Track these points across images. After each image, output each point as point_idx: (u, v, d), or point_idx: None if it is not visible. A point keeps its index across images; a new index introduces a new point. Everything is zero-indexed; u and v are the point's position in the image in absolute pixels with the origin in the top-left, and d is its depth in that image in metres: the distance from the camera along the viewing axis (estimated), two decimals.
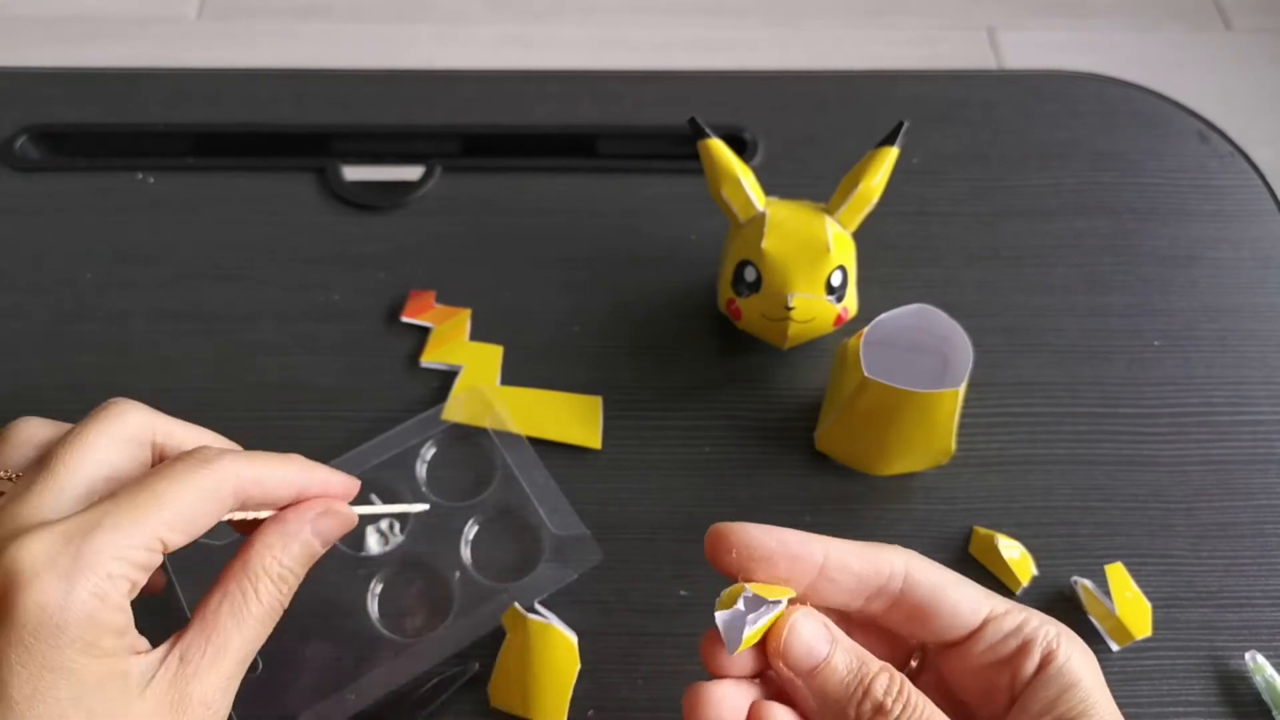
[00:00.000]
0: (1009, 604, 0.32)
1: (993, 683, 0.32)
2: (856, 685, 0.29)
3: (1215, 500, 0.46)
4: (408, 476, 0.45)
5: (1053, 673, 0.30)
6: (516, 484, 0.45)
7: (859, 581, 0.31)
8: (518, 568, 0.43)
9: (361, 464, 0.45)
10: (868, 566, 0.31)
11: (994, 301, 0.52)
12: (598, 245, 0.54)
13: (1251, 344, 0.51)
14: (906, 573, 0.32)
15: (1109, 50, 1.50)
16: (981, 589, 0.32)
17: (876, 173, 0.46)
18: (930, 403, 0.42)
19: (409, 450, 0.46)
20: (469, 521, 0.44)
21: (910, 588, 0.32)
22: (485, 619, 0.42)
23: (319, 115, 0.60)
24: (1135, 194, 0.57)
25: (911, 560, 0.32)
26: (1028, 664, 0.31)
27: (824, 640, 0.30)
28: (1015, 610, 0.32)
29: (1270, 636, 0.42)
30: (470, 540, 0.44)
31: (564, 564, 0.43)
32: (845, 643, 0.30)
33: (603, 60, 1.45)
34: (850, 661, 0.30)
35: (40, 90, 0.61)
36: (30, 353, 0.50)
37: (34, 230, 0.55)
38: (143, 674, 0.29)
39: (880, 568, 0.31)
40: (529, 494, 0.45)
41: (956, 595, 0.32)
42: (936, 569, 0.32)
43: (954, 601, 0.32)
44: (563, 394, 0.49)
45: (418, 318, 0.51)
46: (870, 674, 0.29)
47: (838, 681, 0.29)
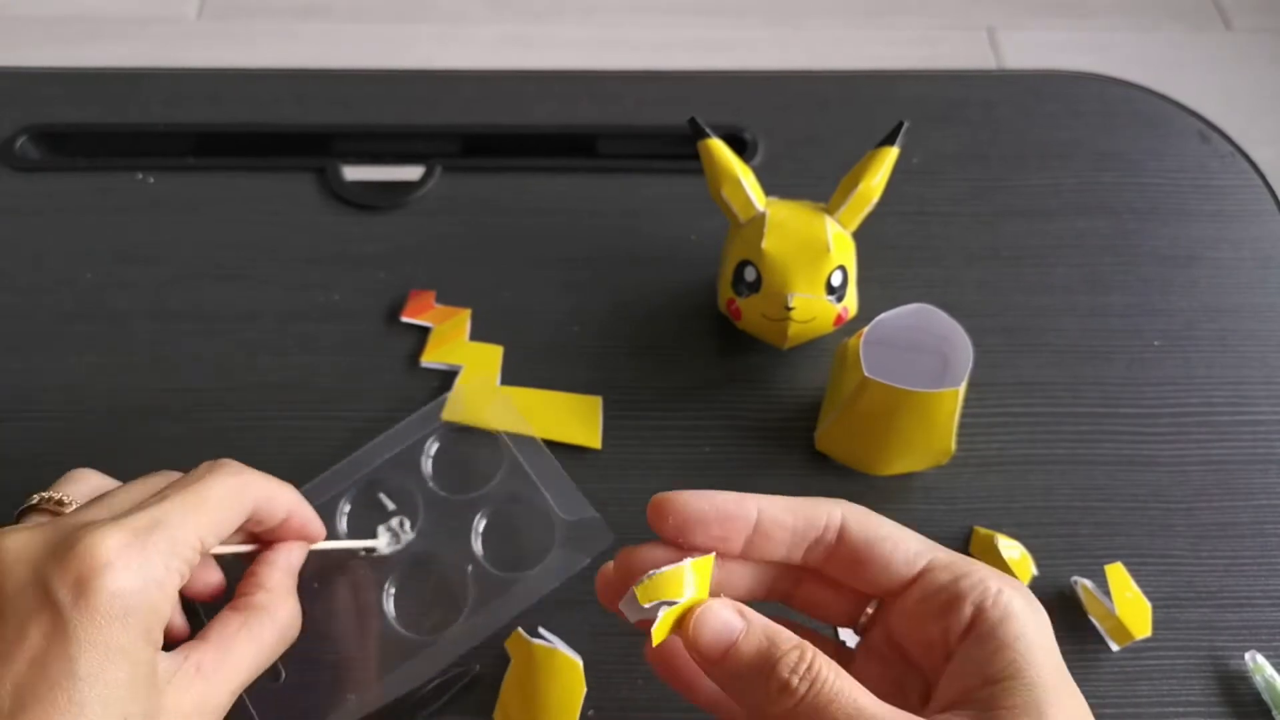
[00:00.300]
0: (954, 557, 0.32)
1: (929, 638, 0.31)
2: (764, 665, 0.29)
3: (1215, 500, 0.46)
4: (413, 472, 0.45)
5: (984, 630, 0.30)
6: (522, 472, 0.45)
7: (794, 535, 0.32)
8: (530, 556, 0.43)
9: (368, 462, 0.45)
10: (801, 520, 0.32)
11: (994, 301, 0.52)
12: (598, 245, 0.54)
13: (1251, 344, 0.51)
14: (842, 523, 0.32)
15: (1109, 50, 1.50)
16: (927, 542, 0.32)
17: (876, 173, 0.46)
18: (930, 403, 0.42)
19: (414, 445, 0.46)
20: (478, 514, 0.45)
21: (844, 537, 0.32)
22: (501, 610, 0.42)
23: (319, 115, 0.60)
24: (1135, 194, 0.57)
25: (848, 510, 0.33)
26: (958, 619, 0.30)
27: (733, 626, 0.30)
28: (958, 563, 0.31)
29: (1270, 636, 0.42)
30: (480, 532, 0.44)
31: (576, 549, 0.43)
32: (759, 625, 0.30)
33: (603, 60, 1.45)
34: (760, 643, 0.30)
35: (40, 90, 0.61)
36: (30, 353, 0.50)
37: (34, 230, 0.55)
38: (166, 670, 0.32)
39: (815, 520, 0.32)
40: (536, 482, 0.45)
41: (891, 545, 0.32)
42: (875, 519, 0.33)
43: (889, 550, 0.32)
44: (563, 394, 0.49)
45: (418, 318, 0.51)
46: (779, 654, 0.29)
47: (745, 665, 0.30)
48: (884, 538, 0.32)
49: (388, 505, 0.45)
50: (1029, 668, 0.29)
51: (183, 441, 0.47)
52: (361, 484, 0.45)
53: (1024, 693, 0.28)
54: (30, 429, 0.47)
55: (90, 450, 0.47)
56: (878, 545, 0.32)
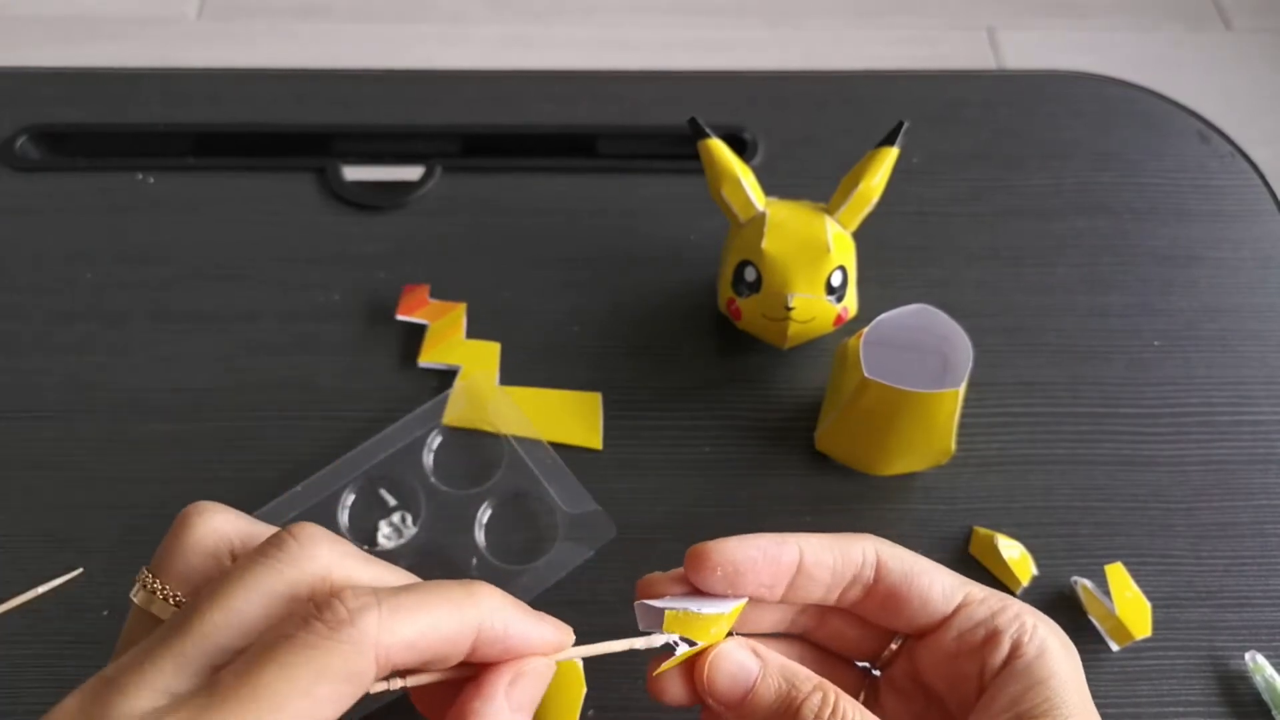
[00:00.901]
0: (988, 592, 0.31)
1: (962, 672, 0.31)
2: (785, 709, 0.28)
3: (1215, 500, 0.46)
4: (415, 467, 0.45)
5: (1020, 667, 0.29)
6: (524, 466, 0.45)
7: (834, 575, 0.31)
8: (534, 549, 0.44)
9: (369, 458, 0.45)
10: (840, 558, 0.31)
11: (994, 301, 0.52)
12: (598, 245, 0.54)
13: (1251, 344, 0.51)
14: (877, 560, 0.31)
15: (1109, 50, 1.50)
16: (958, 577, 0.32)
17: (876, 173, 0.46)
18: (930, 403, 0.42)
19: (415, 441, 0.46)
20: (481, 507, 0.45)
21: (882, 575, 0.31)
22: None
23: (319, 115, 0.60)
24: (1135, 194, 0.57)
25: (882, 547, 0.32)
26: (996, 655, 0.30)
27: (749, 669, 0.29)
28: (992, 598, 0.31)
29: (1270, 636, 0.42)
30: (484, 526, 0.44)
31: (580, 541, 0.43)
32: (775, 666, 0.30)
33: (603, 60, 1.45)
34: (779, 686, 0.29)
35: (40, 90, 0.61)
36: (30, 353, 0.50)
37: (34, 230, 0.55)
38: None
39: (852, 557, 0.31)
40: (538, 475, 0.45)
41: (928, 581, 0.31)
42: (908, 556, 0.32)
43: (925, 587, 0.31)
44: (561, 392, 0.49)
45: (413, 315, 0.50)
46: (801, 696, 0.29)
47: (765, 708, 0.29)
48: (920, 573, 0.31)
49: (389, 501, 0.45)
50: (1062, 706, 0.28)
51: (183, 441, 0.47)
52: (362, 480, 0.45)
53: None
54: (30, 429, 0.47)
55: (90, 450, 0.47)
56: (915, 581, 0.31)
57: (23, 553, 0.44)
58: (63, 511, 0.45)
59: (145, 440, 0.47)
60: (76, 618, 0.42)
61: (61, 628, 0.42)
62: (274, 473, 0.46)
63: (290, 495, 0.44)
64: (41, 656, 0.41)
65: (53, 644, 0.41)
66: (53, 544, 0.44)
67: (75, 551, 0.44)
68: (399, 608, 0.24)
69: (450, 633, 0.25)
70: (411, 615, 0.24)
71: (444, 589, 0.26)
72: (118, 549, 0.44)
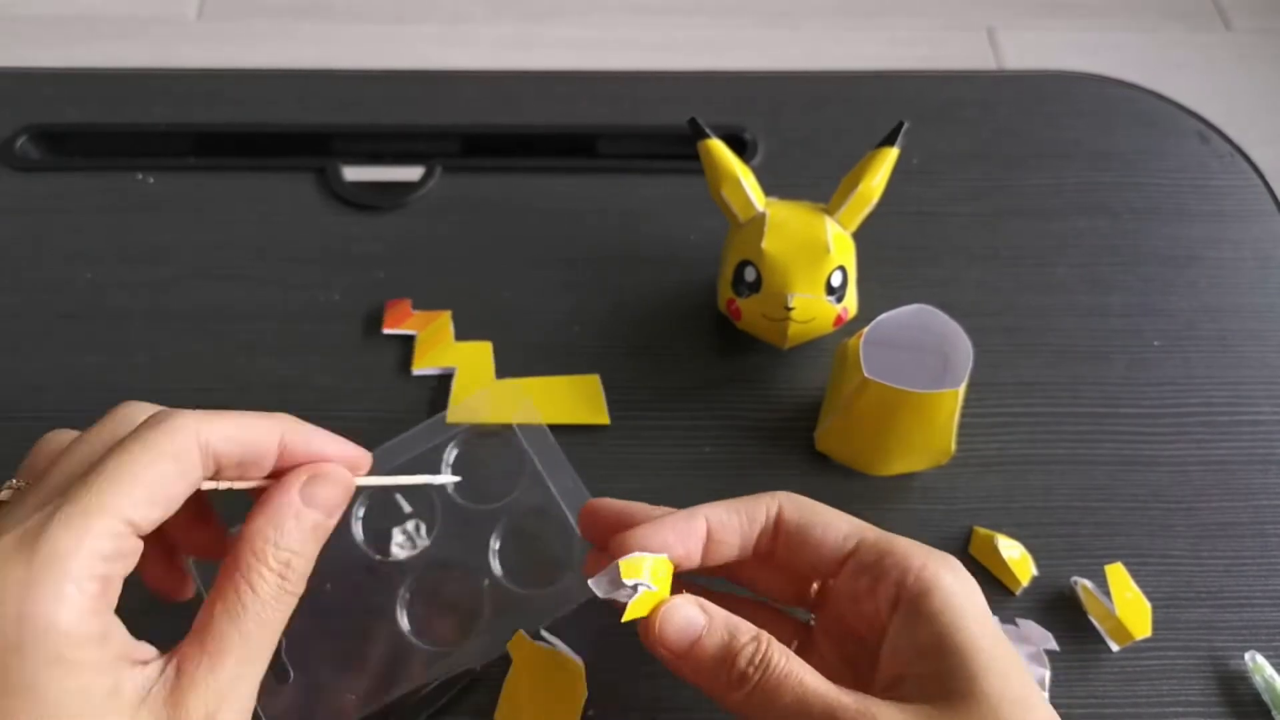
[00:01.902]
0: (879, 534, 0.34)
1: (867, 615, 0.33)
2: (726, 657, 0.31)
3: (1215, 500, 0.46)
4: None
5: (908, 606, 0.31)
6: (544, 487, 0.44)
7: (742, 536, 0.35)
8: (546, 574, 0.43)
9: (386, 464, 0.45)
10: (745, 519, 0.34)
11: (994, 301, 0.52)
12: (598, 245, 0.54)
13: (1251, 344, 0.51)
14: (779, 512, 0.35)
15: (1109, 50, 1.50)
16: (857, 522, 0.35)
17: (876, 173, 0.46)
18: (930, 403, 0.42)
19: (433, 450, 0.45)
20: (496, 526, 0.44)
21: (781, 525, 0.35)
22: (514, 626, 0.41)
23: (319, 115, 0.60)
24: (1135, 194, 0.57)
25: (785, 500, 0.35)
26: (885, 596, 0.32)
27: (696, 622, 0.32)
28: (883, 540, 0.33)
29: (1270, 636, 0.42)
30: (498, 545, 0.43)
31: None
32: (720, 620, 0.32)
33: (603, 60, 1.45)
34: (723, 636, 0.32)
35: (40, 90, 0.61)
36: (30, 353, 0.50)
37: (34, 230, 0.55)
38: (139, 688, 0.26)
39: (756, 516, 0.35)
40: (557, 498, 0.44)
41: (823, 529, 0.34)
42: (810, 506, 0.35)
43: (819, 535, 0.34)
44: (561, 378, 0.49)
45: (399, 327, 0.50)
46: (739, 646, 0.31)
47: (710, 657, 0.31)
48: (816, 523, 0.34)
49: (405, 508, 0.45)
50: (956, 634, 0.30)
51: None
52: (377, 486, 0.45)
53: (954, 661, 0.30)
54: (30, 429, 0.47)
55: None
56: (810, 531, 0.34)
57: None
58: None
59: None
60: None
61: None
62: None
63: None
64: None
65: None
66: None
67: None
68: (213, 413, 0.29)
69: (259, 434, 0.30)
70: (223, 417, 0.30)
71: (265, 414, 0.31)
72: None
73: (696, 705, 0.40)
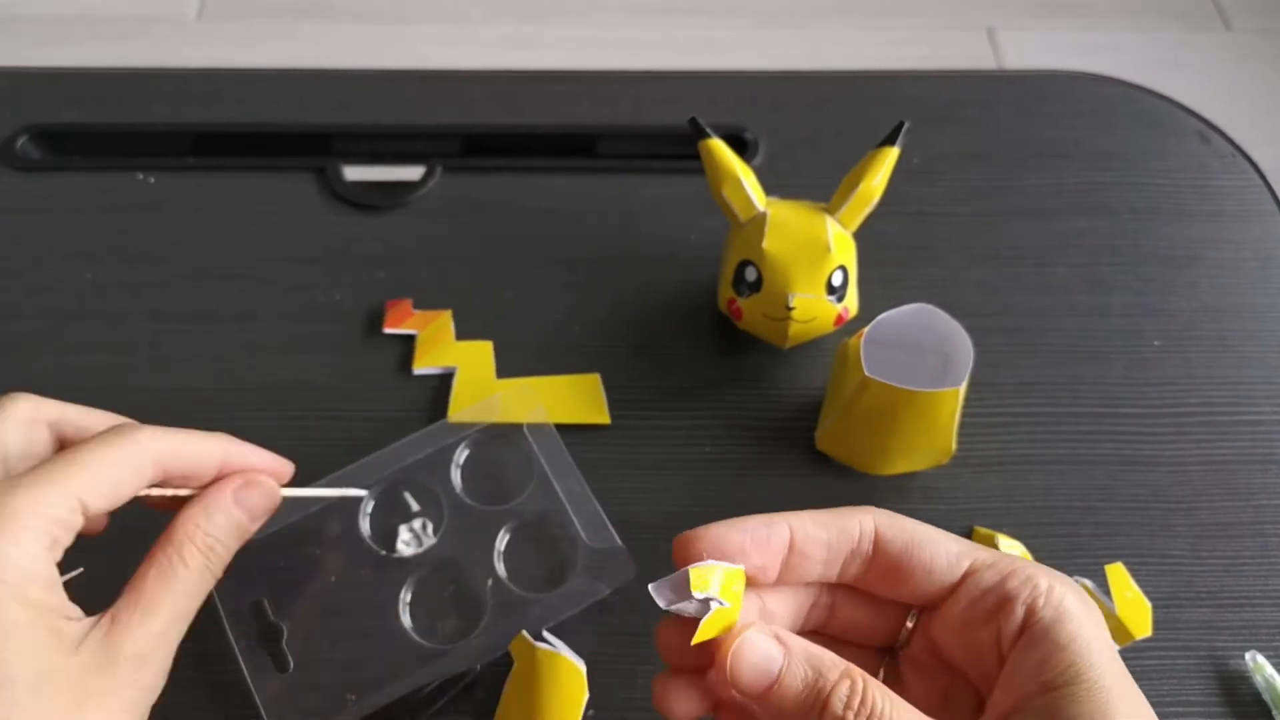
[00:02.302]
0: (996, 555, 0.30)
1: (978, 643, 0.29)
2: (813, 700, 0.27)
3: (1215, 500, 0.46)
4: (441, 477, 0.45)
5: (1038, 633, 0.28)
6: (551, 491, 0.44)
7: (829, 550, 0.30)
8: (550, 578, 0.43)
9: (395, 461, 0.45)
10: (834, 532, 0.30)
11: (994, 301, 0.53)
12: (598, 245, 0.54)
13: (1251, 344, 0.51)
14: (875, 532, 0.30)
15: (1109, 50, 1.50)
16: (964, 542, 0.30)
17: (877, 173, 0.46)
18: (930, 403, 0.42)
19: (443, 450, 0.46)
20: (502, 527, 0.44)
21: (881, 546, 0.30)
22: (516, 628, 0.41)
23: (319, 115, 0.60)
24: (1135, 194, 0.57)
25: (880, 517, 0.30)
26: (1010, 622, 0.28)
27: (774, 658, 0.28)
28: (1002, 561, 0.30)
29: (1270, 636, 0.42)
30: (503, 547, 0.44)
31: (597, 578, 0.42)
32: (799, 653, 0.28)
33: (603, 60, 1.45)
34: (805, 674, 0.28)
35: (40, 90, 0.61)
36: (30, 353, 0.50)
37: (34, 230, 0.55)
38: (76, 635, 0.31)
39: (848, 531, 0.30)
40: (564, 503, 0.44)
41: (930, 549, 0.30)
42: (909, 524, 0.30)
43: (928, 557, 0.30)
44: (561, 377, 0.49)
45: (399, 327, 0.50)
46: (828, 685, 0.27)
47: (793, 699, 0.27)
48: (921, 542, 0.30)
49: (412, 505, 0.45)
50: (1089, 670, 0.27)
51: None
52: (386, 482, 0.45)
53: (1086, 699, 0.26)
54: None
55: None
56: (916, 550, 0.30)
57: None
58: None
59: None
60: None
61: None
62: None
63: (313, 487, 0.44)
64: None
65: None
66: None
67: (75, 551, 0.44)
68: (163, 430, 0.34)
69: (204, 450, 0.35)
70: (173, 434, 0.35)
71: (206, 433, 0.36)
72: (118, 549, 0.44)
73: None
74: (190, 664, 0.40)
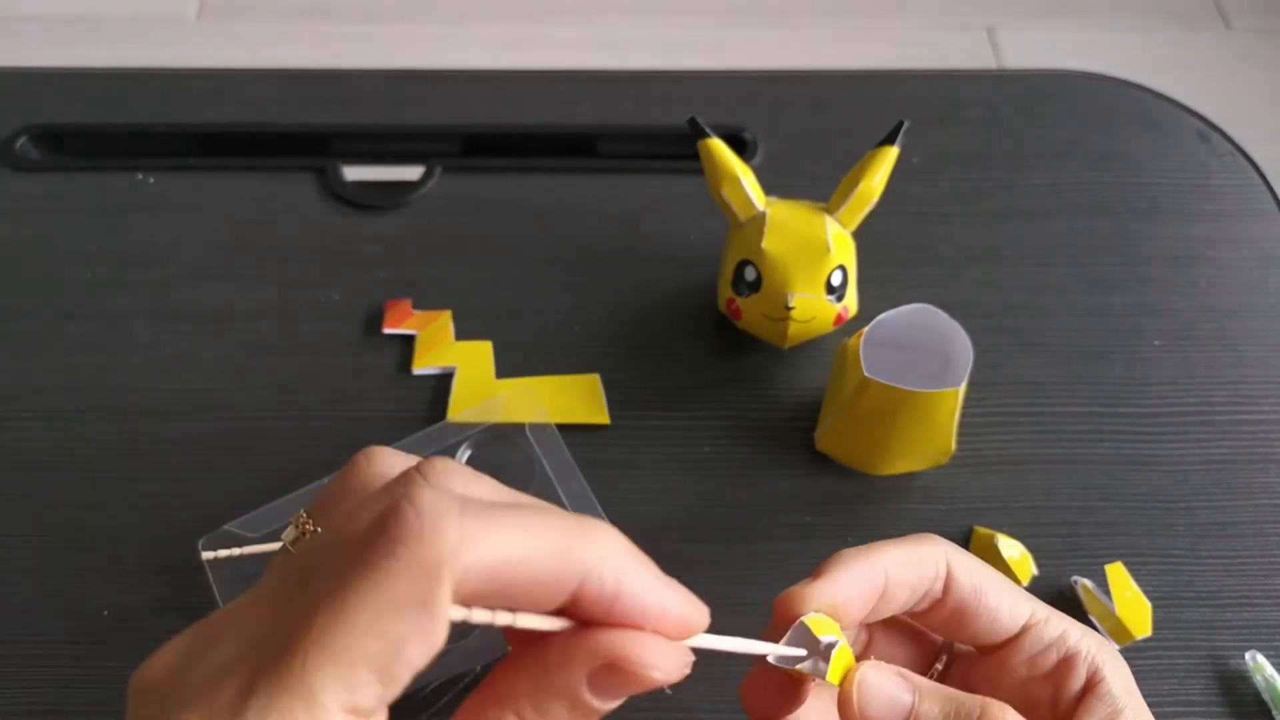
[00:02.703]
0: (1048, 610, 0.30)
1: (1033, 696, 0.29)
2: None
3: (1215, 500, 0.46)
4: None
5: (1101, 694, 0.28)
6: (553, 493, 0.44)
7: (911, 593, 0.29)
8: None
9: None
10: (918, 574, 0.29)
11: (994, 301, 0.52)
12: (598, 245, 0.54)
13: (1251, 344, 0.51)
14: (949, 572, 0.29)
15: (1109, 50, 1.50)
16: (1021, 591, 0.30)
17: (876, 172, 0.46)
18: (930, 403, 0.42)
19: (446, 451, 0.46)
20: None
21: (951, 589, 0.29)
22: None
23: (319, 115, 0.60)
24: (1135, 194, 0.57)
25: (952, 556, 0.29)
26: (1072, 682, 0.29)
27: (903, 690, 0.27)
28: (1055, 618, 0.30)
29: (1270, 636, 0.42)
30: None
31: None
32: (927, 687, 0.27)
33: (603, 60, 1.45)
34: (944, 707, 0.26)
35: (40, 90, 0.61)
36: (30, 353, 0.50)
37: (34, 230, 0.55)
38: None
39: (925, 570, 0.29)
40: (566, 504, 0.44)
41: (997, 598, 0.29)
42: (976, 568, 0.30)
43: (994, 605, 0.29)
44: (561, 377, 0.49)
45: (399, 327, 0.50)
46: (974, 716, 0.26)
47: None
48: (987, 587, 0.29)
49: None
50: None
51: (183, 441, 0.47)
52: None
53: None
54: (30, 429, 0.47)
55: (90, 450, 0.47)
56: (983, 596, 0.29)
57: (23, 552, 0.44)
58: (63, 511, 0.45)
59: (145, 440, 0.47)
60: (76, 617, 0.42)
61: (61, 628, 0.42)
62: (275, 472, 0.46)
63: (314, 488, 0.44)
64: (41, 657, 0.41)
65: (52, 644, 0.41)
66: (53, 544, 0.44)
67: (75, 551, 0.44)
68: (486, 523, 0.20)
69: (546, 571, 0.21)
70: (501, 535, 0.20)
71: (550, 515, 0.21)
72: (118, 549, 0.44)
73: (699, 705, 0.40)
74: None
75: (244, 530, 0.43)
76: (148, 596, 0.42)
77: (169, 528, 0.44)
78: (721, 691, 0.35)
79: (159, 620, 0.42)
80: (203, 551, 0.42)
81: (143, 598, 0.42)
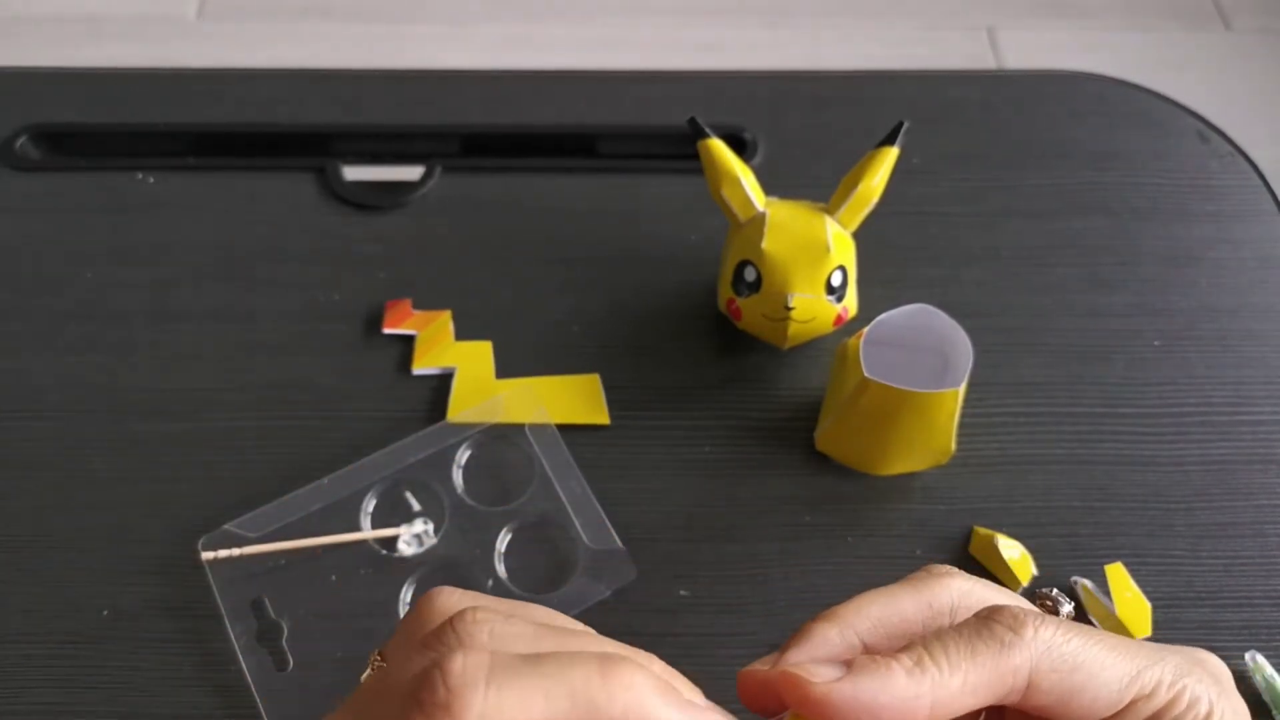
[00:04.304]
0: (1157, 672, 0.26)
1: None
2: None
3: (1215, 500, 0.46)
4: (443, 477, 0.45)
5: None
6: (553, 492, 0.45)
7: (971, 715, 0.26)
8: (551, 579, 0.43)
9: (397, 461, 0.45)
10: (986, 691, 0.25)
11: (994, 301, 0.52)
12: (598, 245, 0.54)
13: (1251, 344, 0.51)
14: (1031, 679, 0.25)
15: (1109, 50, 1.50)
16: (1123, 654, 0.26)
17: (876, 173, 0.46)
18: (930, 403, 0.42)
19: (445, 450, 0.46)
20: (503, 528, 0.44)
21: (1033, 696, 0.25)
22: None
23: (319, 115, 0.60)
24: (1135, 194, 0.57)
25: (1042, 658, 0.25)
26: None
27: None
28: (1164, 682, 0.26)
29: (1270, 636, 0.42)
30: (504, 547, 0.44)
31: (597, 580, 0.43)
32: None
33: (603, 60, 1.45)
34: None
35: (40, 90, 0.61)
36: (30, 353, 0.50)
37: (34, 230, 0.55)
38: None
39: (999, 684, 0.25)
40: (565, 504, 0.44)
41: (1094, 691, 0.25)
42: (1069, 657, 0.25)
43: (1089, 700, 0.25)
44: (561, 378, 0.49)
45: (399, 327, 0.50)
46: None
47: None
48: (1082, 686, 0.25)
49: (413, 505, 0.45)
50: None
51: (183, 441, 0.47)
52: (389, 481, 0.45)
53: None
54: (30, 429, 0.47)
55: (90, 450, 0.47)
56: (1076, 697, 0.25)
57: (22, 552, 0.44)
58: (63, 511, 0.45)
59: (145, 440, 0.47)
60: (76, 618, 0.42)
61: (61, 628, 0.42)
62: (275, 472, 0.46)
63: (314, 488, 0.44)
64: (41, 657, 0.41)
65: (52, 644, 0.41)
66: (52, 544, 0.44)
67: (75, 551, 0.44)
68: (510, 687, 0.21)
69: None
70: (525, 699, 0.21)
71: (574, 666, 0.22)
72: (118, 549, 0.44)
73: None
74: (190, 662, 0.41)
75: (244, 530, 0.43)
76: (148, 596, 0.42)
77: (169, 528, 0.44)
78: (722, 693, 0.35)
79: (159, 620, 0.42)
80: (202, 551, 0.42)
81: (143, 598, 0.42)
